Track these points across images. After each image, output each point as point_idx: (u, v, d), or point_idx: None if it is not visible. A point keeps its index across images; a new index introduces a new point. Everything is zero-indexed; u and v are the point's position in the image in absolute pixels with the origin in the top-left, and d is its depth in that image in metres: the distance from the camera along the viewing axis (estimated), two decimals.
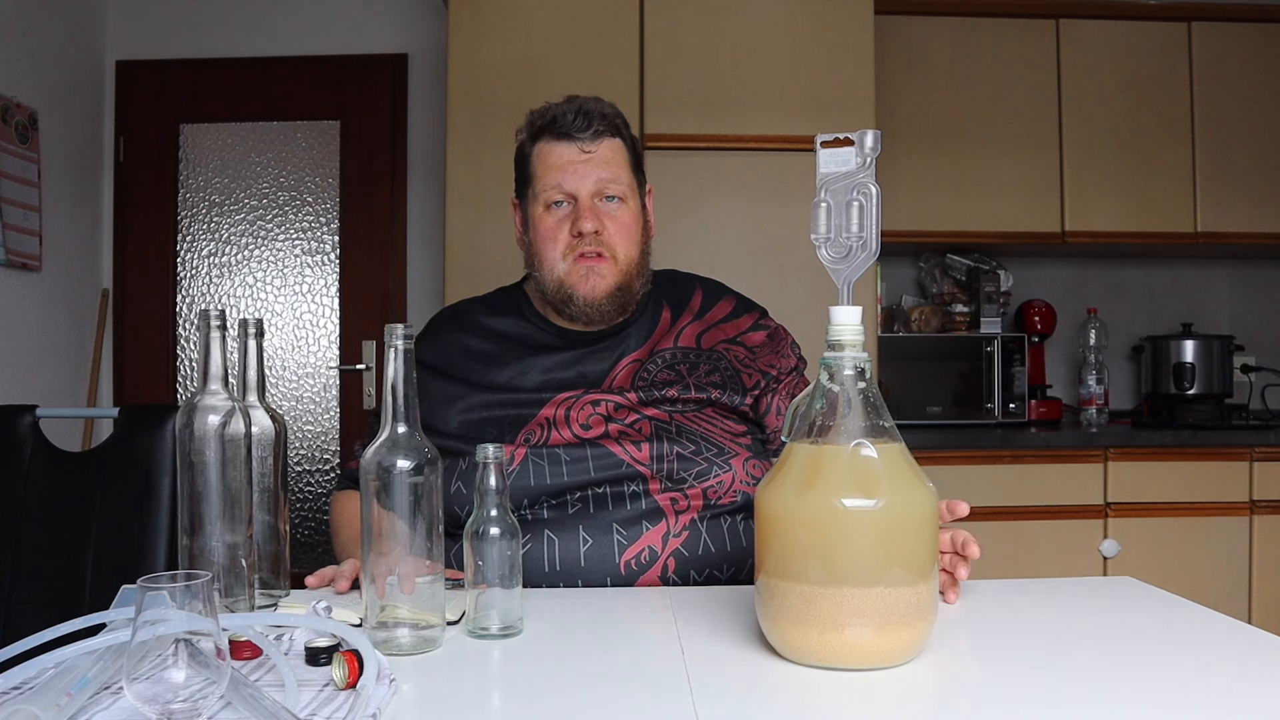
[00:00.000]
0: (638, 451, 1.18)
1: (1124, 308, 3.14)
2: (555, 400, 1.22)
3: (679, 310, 1.34)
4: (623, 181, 1.26)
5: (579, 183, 1.23)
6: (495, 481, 0.91)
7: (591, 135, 1.24)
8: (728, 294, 1.39)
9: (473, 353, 1.29)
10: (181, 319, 3.11)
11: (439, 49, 2.93)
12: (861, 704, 0.72)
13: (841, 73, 2.42)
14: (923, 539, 0.79)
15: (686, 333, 1.32)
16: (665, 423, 1.21)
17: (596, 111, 1.25)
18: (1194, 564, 2.50)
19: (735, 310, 1.36)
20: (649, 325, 1.32)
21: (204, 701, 0.60)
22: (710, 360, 1.28)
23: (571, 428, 1.20)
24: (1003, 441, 2.54)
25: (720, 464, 1.19)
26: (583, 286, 1.23)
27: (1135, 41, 2.81)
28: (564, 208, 1.25)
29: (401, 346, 0.87)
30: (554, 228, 1.25)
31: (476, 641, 0.88)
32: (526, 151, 1.29)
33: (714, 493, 1.17)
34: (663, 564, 1.14)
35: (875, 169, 0.84)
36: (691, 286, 1.38)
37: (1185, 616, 0.96)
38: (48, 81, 2.79)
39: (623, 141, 1.29)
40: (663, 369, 1.26)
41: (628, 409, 1.22)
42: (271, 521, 1.00)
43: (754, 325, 1.35)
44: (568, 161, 1.24)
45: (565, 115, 1.24)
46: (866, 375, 0.81)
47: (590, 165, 1.24)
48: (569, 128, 1.24)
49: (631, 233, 1.27)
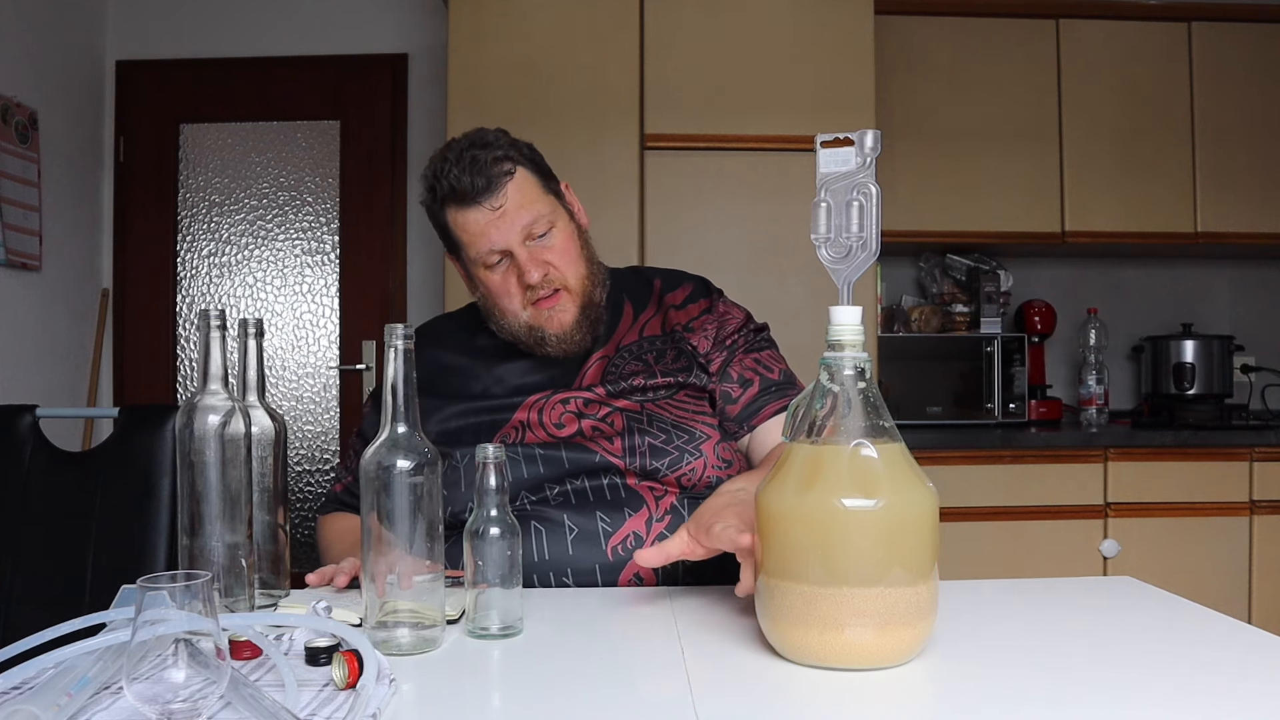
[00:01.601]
0: (610, 446, 1.20)
1: (1124, 308, 3.14)
2: (527, 403, 1.24)
3: (641, 304, 1.37)
4: (542, 213, 1.24)
5: (506, 239, 1.23)
6: (495, 481, 0.91)
7: (493, 192, 1.22)
8: (686, 280, 1.40)
9: (447, 368, 1.32)
10: (181, 319, 3.11)
11: (439, 49, 2.93)
12: (861, 704, 0.72)
13: (841, 73, 2.42)
14: (923, 539, 0.78)
15: (651, 324, 1.34)
16: (636, 414, 1.23)
17: (485, 159, 1.22)
18: (1194, 564, 2.50)
19: (693, 294, 1.37)
20: (612, 322, 1.34)
21: (204, 701, 0.60)
22: (674, 344, 1.30)
23: (545, 428, 1.22)
24: (1003, 441, 2.54)
25: (691, 451, 1.20)
26: (551, 325, 1.25)
27: (1135, 41, 2.81)
28: (503, 263, 1.25)
29: (401, 346, 0.87)
30: (502, 283, 1.26)
31: (476, 641, 0.88)
32: (441, 219, 1.27)
33: (688, 480, 1.19)
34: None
35: (875, 169, 0.84)
36: (650, 278, 1.40)
37: (1185, 616, 0.96)
38: (48, 81, 2.79)
39: (524, 169, 1.25)
40: (630, 360, 1.28)
41: (598, 403, 1.23)
42: (271, 521, 1.00)
43: (710, 308, 1.35)
44: (486, 224, 1.23)
45: (461, 181, 1.21)
46: (866, 375, 0.81)
47: (507, 220, 1.22)
48: (470, 193, 1.22)
49: (571, 253, 1.27)
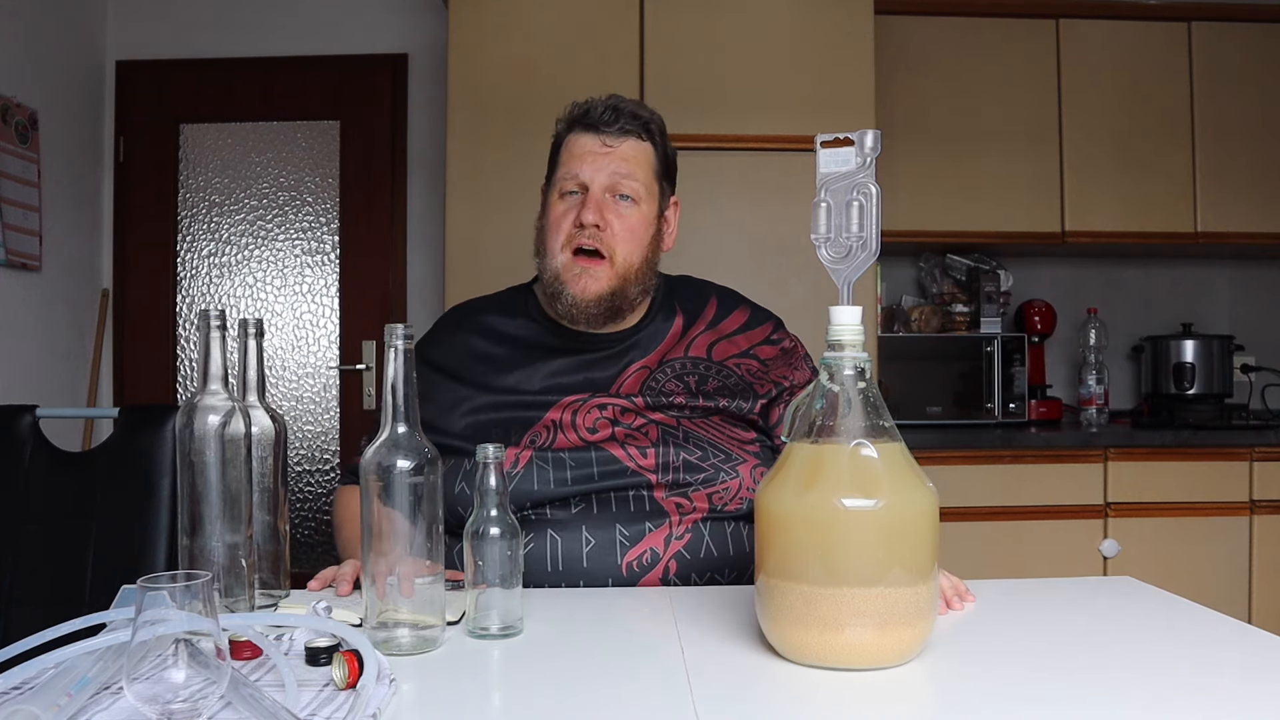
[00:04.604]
0: (642, 458, 1.16)
1: (1124, 308, 3.14)
2: (562, 404, 1.21)
3: (691, 319, 1.32)
4: (639, 181, 1.24)
5: (593, 174, 1.23)
6: (495, 482, 0.91)
7: (617, 131, 1.24)
8: (743, 303, 1.37)
9: (480, 355, 1.29)
10: (181, 319, 3.11)
11: (439, 49, 2.93)
12: (861, 704, 0.72)
13: (841, 73, 2.42)
14: (923, 539, 0.79)
15: (698, 343, 1.30)
16: (672, 428, 1.20)
17: (629, 111, 1.25)
18: (1194, 564, 2.50)
19: (749, 321, 1.34)
20: (660, 333, 1.30)
21: (204, 701, 0.60)
22: (720, 375, 1.26)
23: (578, 430, 1.19)
24: (1003, 441, 2.54)
25: (728, 470, 1.17)
26: (574, 285, 1.22)
27: (1135, 41, 2.80)
28: (575, 197, 1.24)
29: (401, 346, 0.87)
30: (560, 216, 1.24)
31: (476, 641, 0.88)
32: (558, 143, 1.29)
33: (719, 499, 1.16)
34: (664, 566, 1.13)
35: (875, 169, 0.84)
36: (707, 295, 1.36)
37: (1185, 616, 0.96)
38: (48, 81, 2.79)
39: (652, 147, 1.27)
40: (671, 379, 1.25)
41: (634, 413, 1.21)
42: (271, 521, 1.00)
43: (766, 339, 1.32)
44: (587, 152, 1.24)
45: (596, 108, 1.25)
46: (866, 375, 0.81)
47: (608, 159, 1.23)
48: (597, 120, 1.24)
49: (637, 235, 1.24)
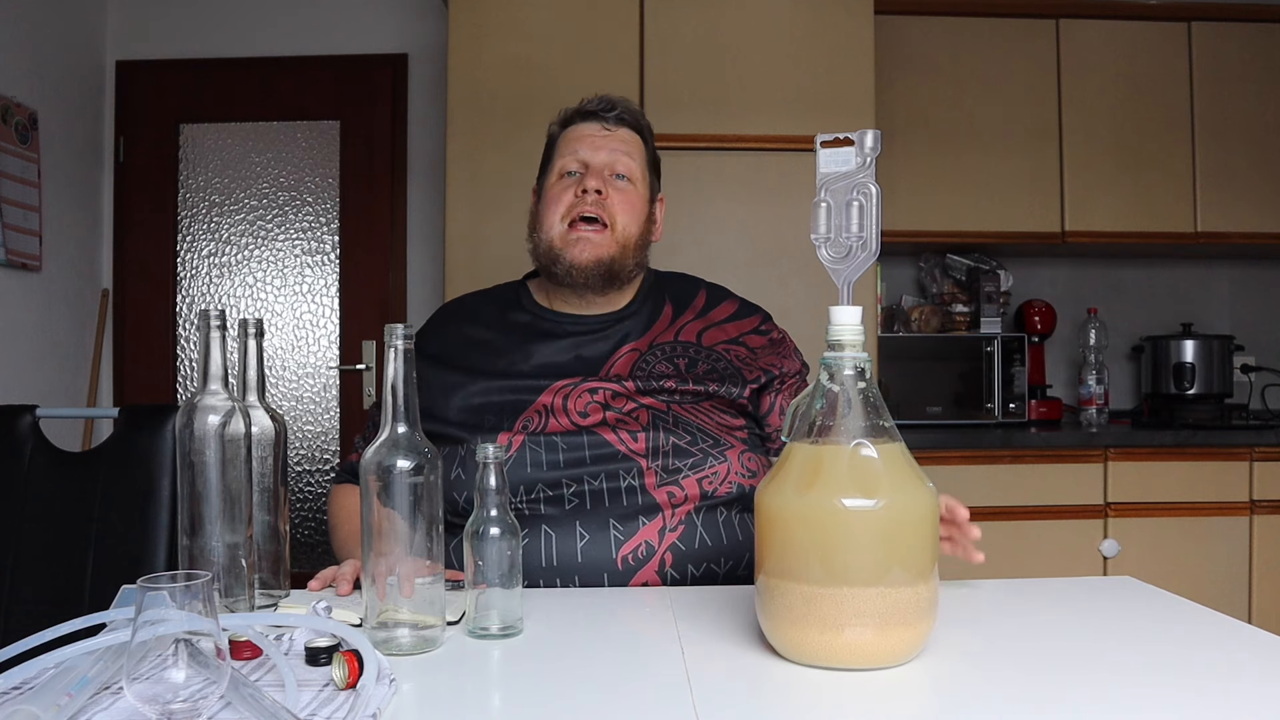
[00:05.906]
0: (633, 441, 1.19)
1: (1124, 308, 3.14)
2: (553, 388, 1.23)
3: (681, 307, 1.36)
4: (635, 163, 1.32)
5: (594, 153, 1.30)
6: (495, 481, 0.91)
7: (615, 119, 1.33)
8: (731, 297, 1.41)
9: (474, 341, 1.32)
10: (181, 319, 3.11)
11: (439, 49, 2.93)
12: (861, 704, 0.72)
13: (841, 73, 2.42)
14: (923, 539, 0.79)
15: (688, 329, 1.33)
16: (662, 412, 1.22)
17: (624, 105, 1.35)
18: (1194, 564, 2.50)
19: (738, 312, 1.38)
20: (649, 317, 1.34)
21: (204, 701, 0.60)
22: (709, 359, 1.29)
23: (569, 415, 1.22)
24: (1003, 441, 2.54)
25: (716, 455, 1.20)
26: (573, 250, 1.28)
27: (1135, 41, 2.81)
28: (575, 177, 1.31)
29: (401, 346, 0.87)
30: (559, 193, 1.30)
31: (476, 641, 0.88)
32: (555, 138, 1.36)
33: (709, 484, 1.18)
34: (659, 558, 1.14)
35: (875, 169, 0.84)
36: (696, 287, 1.42)
37: (1185, 616, 0.96)
38: (48, 81, 2.79)
39: (643, 141, 1.36)
40: (661, 361, 1.28)
41: (625, 397, 1.23)
42: (271, 521, 1.00)
43: (755, 329, 1.36)
44: (588, 135, 1.32)
45: (593, 101, 1.34)
46: (866, 375, 0.81)
47: (609, 141, 1.31)
48: (595, 109, 1.33)
49: (635, 209, 1.31)
